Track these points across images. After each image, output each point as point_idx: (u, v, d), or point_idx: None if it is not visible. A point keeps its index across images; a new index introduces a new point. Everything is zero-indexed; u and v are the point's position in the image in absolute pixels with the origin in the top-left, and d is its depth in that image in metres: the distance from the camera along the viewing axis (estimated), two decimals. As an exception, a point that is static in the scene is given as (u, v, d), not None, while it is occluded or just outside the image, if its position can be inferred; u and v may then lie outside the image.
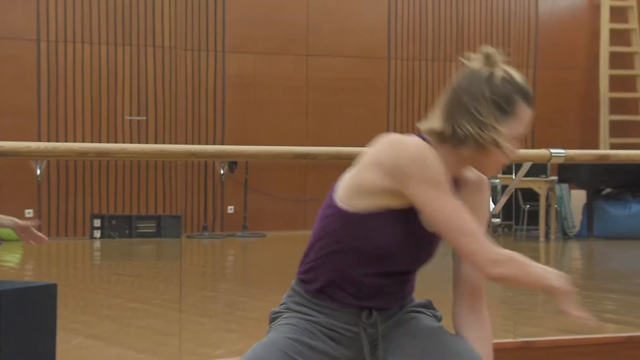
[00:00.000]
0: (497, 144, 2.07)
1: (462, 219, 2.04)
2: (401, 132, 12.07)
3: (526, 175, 3.61)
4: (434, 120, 2.13)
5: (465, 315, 2.21)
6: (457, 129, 2.07)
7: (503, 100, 2.07)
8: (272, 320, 2.21)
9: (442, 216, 2.04)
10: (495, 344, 2.25)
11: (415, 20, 13.11)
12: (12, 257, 8.85)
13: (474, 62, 2.13)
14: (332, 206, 2.14)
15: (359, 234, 2.09)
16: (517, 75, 2.11)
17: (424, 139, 2.11)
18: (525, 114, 2.10)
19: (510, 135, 2.08)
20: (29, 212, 11.19)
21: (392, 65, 13.00)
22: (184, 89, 12.03)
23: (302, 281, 2.20)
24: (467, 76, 2.11)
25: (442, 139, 2.11)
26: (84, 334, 5.05)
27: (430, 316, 2.26)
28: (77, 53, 11.50)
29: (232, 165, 11.65)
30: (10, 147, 2.89)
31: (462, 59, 2.16)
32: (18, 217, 12.05)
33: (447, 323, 2.23)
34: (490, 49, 2.12)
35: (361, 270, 2.12)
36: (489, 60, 2.11)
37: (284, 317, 2.18)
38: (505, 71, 2.10)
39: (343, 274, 2.13)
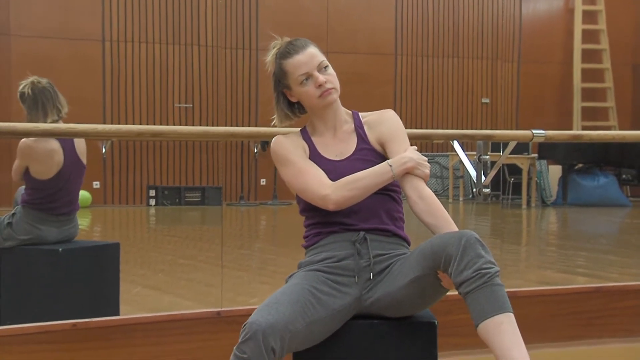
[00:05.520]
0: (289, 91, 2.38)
1: (301, 180, 2.26)
2: (407, 118, 11.83)
3: (511, 152, 3.59)
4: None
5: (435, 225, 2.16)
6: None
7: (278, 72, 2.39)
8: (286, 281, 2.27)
9: (293, 183, 2.28)
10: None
11: (418, 22, 13.02)
12: (82, 222, 8.91)
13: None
14: None
15: None
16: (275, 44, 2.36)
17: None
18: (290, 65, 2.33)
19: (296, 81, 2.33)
20: (96, 184, 11.26)
21: (398, 61, 12.92)
22: (224, 80, 12.02)
23: (305, 248, 2.32)
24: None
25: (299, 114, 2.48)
26: (142, 284, 5.08)
27: None
28: (135, 51, 11.51)
29: (265, 144, 11.64)
30: (81, 129, 2.91)
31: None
32: (87, 189, 12.12)
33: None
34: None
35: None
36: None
37: (294, 276, 2.24)
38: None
39: (320, 218, 2.27)
